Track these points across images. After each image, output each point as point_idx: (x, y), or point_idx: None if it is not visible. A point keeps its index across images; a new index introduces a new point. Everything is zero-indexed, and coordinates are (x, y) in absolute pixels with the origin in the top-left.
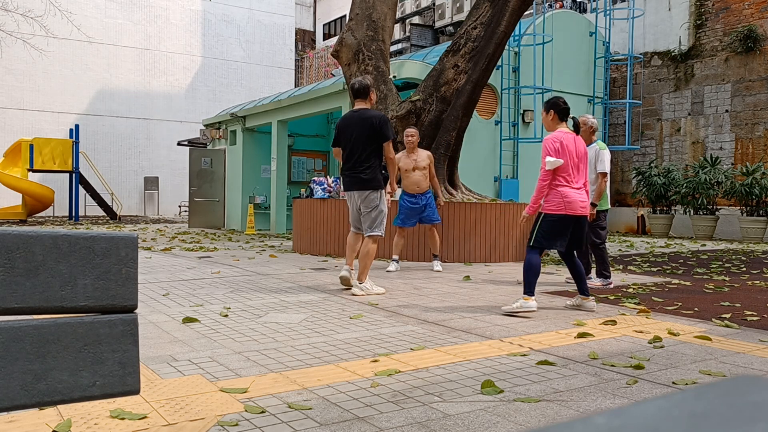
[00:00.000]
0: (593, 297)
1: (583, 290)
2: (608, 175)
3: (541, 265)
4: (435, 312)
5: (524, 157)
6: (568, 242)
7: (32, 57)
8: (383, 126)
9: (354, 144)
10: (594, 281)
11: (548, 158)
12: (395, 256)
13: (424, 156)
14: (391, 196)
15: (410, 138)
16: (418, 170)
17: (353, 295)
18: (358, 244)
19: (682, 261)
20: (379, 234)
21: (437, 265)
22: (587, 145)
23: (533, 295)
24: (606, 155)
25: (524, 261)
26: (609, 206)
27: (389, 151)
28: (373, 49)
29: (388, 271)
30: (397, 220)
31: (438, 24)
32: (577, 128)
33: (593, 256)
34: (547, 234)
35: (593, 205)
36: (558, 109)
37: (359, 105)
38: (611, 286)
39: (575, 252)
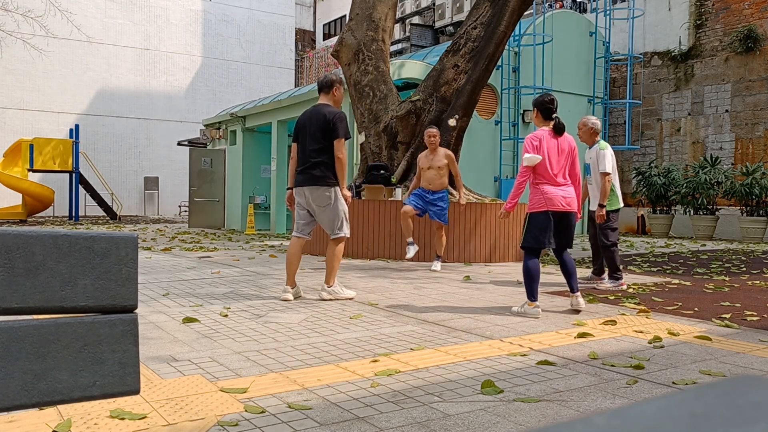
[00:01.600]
0: (580, 294)
1: (572, 287)
2: (611, 174)
3: (541, 265)
4: (435, 312)
5: None
6: (556, 239)
7: (32, 57)
8: (336, 122)
9: (307, 140)
10: (605, 283)
11: (525, 155)
12: (410, 239)
13: (441, 156)
14: (347, 201)
15: (432, 139)
16: (432, 169)
17: (321, 299)
18: (300, 253)
19: (682, 261)
20: (344, 235)
21: (437, 265)
22: (589, 147)
23: (536, 300)
24: (606, 155)
25: (523, 266)
26: (621, 205)
27: (338, 149)
28: (373, 49)
29: (409, 258)
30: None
31: (438, 24)
32: (558, 130)
33: (604, 257)
34: (533, 232)
35: (601, 206)
36: (541, 107)
37: (320, 100)
38: (624, 286)
39: (568, 249)
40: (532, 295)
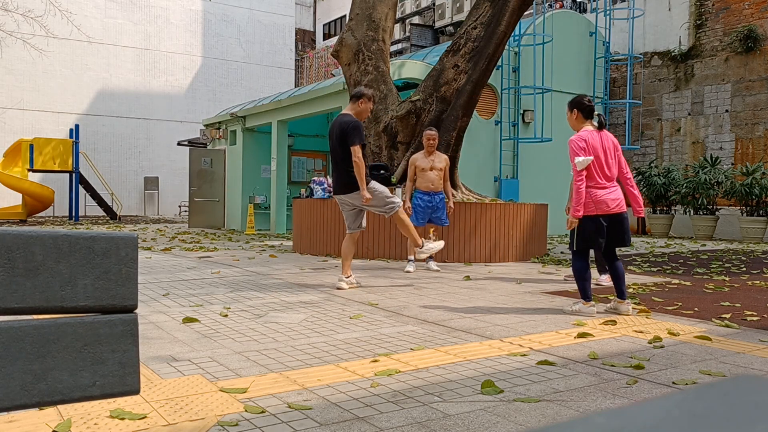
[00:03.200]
0: (629, 301)
1: (621, 292)
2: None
3: (541, 265)
4: (435, 312)
5: (524, 157)
6: (609, 240)
7: (32, 57)
8: (350, 131)
9: (333, 149)
10: (602, 279)
11: (577, 158)
12: (411, 257)
13: (442, 158)
14: (364, 203)
15: (432, 141)
16: (434, 170)
17: (416, 258)
18: (353, 247)
19: (682, 261)
20: (398, 206)
21: (434, 265)
22: None
23: (590, 300)
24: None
25: (572, 268)
26: None
27: (354, 154)
28: (373, 49)
29: (407, 272)
30: (411, 219)
31: (438, 24)
32: (602, 125)
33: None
34: (585, 236)
35: None
36: (582, 107)
37: (345, 109)
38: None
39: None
40: (586, 296)
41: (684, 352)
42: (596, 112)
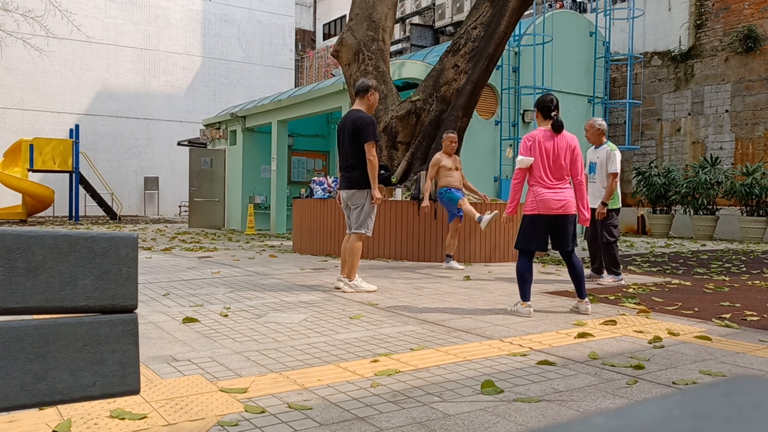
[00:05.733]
0: (589, 300)
1: (580, 293)
2: (618, 175)
3: (541, 265)
4: (435, 312)
5: None
6: (554, 242)
7: (32, 57)
8: (365, 127)
9: (343, 144)
10: (606, 279)
11: (519, 157)
12: (450, 254)
13: (458, 159)
14: (374, 202)
15: (454, 144)
16: (458, 170)
17: (343, 291)
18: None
19: (682, 261)
20: (365, 232)
21: (483, 218)
22: (597, 147)
23: (528, 300)
24: (617, 156)
25: (516, 267)
26: (620, 205)
27: (368, 152)
28: (373, 49)
29: (460, 269)
30: (451, 216)
31: (438, 24)
32: (556, 128)
33: (603, 253)
34: (525, 234)
35: (604, 204)
36: (540, 106)
37: (355, 105)
38: (623, 282)
39: (574, 252)
40: (524, 296)
41: (684, 352)
42: (554, 113)
